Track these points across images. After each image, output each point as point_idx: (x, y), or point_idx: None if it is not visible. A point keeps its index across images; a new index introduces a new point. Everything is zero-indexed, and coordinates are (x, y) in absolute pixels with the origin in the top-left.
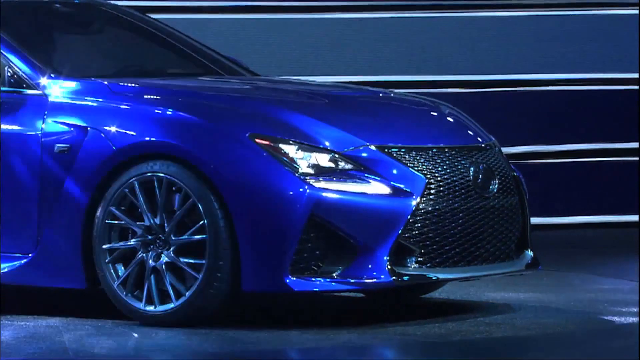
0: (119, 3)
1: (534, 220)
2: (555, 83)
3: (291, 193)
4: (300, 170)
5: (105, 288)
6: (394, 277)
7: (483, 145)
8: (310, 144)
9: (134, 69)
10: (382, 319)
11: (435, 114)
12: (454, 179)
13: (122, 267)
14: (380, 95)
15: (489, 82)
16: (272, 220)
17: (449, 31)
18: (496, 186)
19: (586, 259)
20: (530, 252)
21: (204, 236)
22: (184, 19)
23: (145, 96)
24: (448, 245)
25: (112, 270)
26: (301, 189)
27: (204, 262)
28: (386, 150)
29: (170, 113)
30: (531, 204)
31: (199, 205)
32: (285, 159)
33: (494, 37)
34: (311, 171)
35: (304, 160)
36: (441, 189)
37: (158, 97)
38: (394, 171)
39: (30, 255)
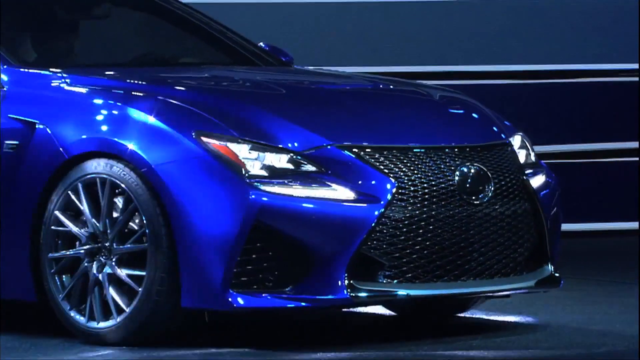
0: None
1: None
2: (547, 75)
3: (233, 198)
4: (250, 173)
5: (51, 301)
6: (352, 294)
7: (485, 144)
8: (265, 143)
9: (142, 58)
10: (388, 338)
11: (432, 109)
12: (433, 182)
13: (70, 279)
14: (381, 87)
15: (483, 73)
16: (212, 228)
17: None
18: (491, 191)
19: (595, 269)
20: (550, 267)
21: (146, 245)
22: (208, 4)
23: (99, 89)
24: (424, 258)
25: (57, 282)
26: (245, 194)
27: (145, 273)
28: (353, 150)
29: (118, 108)
30: None
31: (140, 211)
32: (231, 159)
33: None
34: (264, 173)
35: (257, 161)
36: (417, 194)
37: (112, 91)
38: (360, 174)
39: None
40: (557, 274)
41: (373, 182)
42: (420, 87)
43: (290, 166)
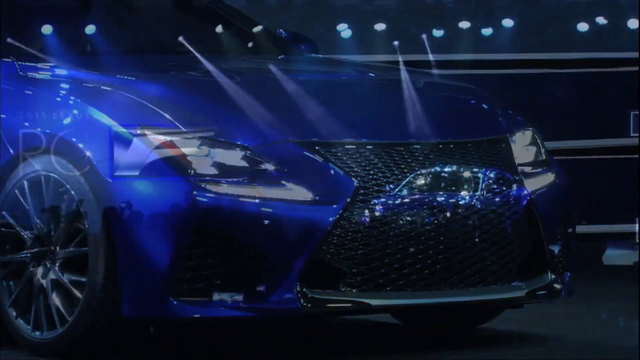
0: None
1: None
2: (540, 64)
3: (176, 198)
4: (196, 170)
5: None
6: (305, 304)
7: (472, 140)
8: (215, 138)
9: (141, 47)
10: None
11: (413, 102)
12: (402, 182)
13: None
14: (366, 78)
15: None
16: (153, 231)
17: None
18: (471, 192)
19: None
20: (551, 276)
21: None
22: None
23: (50, 80)
24: (390, 264)
25: (5, 288)
26: (188, 194)
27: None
28: (312, 147)
29: (66, 100)
30: None
31: (82, 211)
32: (175, 156)
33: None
34: (214, 171)
35: (207, 157)
36: (382, 195)
37: (63, 82)
38: (319, 173)
39: None
40: (557, 284)
41: (333, 181)
42: (415, 78)
43: (243, 163)
